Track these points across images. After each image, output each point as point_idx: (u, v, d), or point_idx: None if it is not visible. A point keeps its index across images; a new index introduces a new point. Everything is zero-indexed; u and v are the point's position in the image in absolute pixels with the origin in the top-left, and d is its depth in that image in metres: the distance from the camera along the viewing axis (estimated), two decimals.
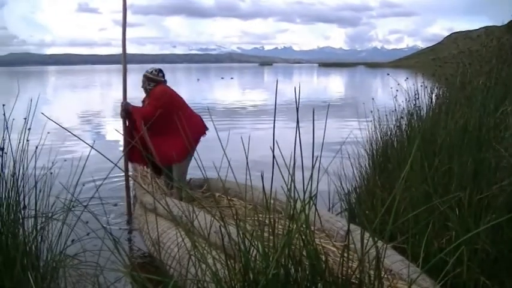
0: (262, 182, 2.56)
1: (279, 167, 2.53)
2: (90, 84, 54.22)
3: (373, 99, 6.48)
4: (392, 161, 5.28)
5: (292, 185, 2.50)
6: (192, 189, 6.45)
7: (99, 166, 7.38)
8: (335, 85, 49.43)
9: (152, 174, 6.59)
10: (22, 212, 3.68)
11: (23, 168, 3.77)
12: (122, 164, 6.20)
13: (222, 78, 61.37)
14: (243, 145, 2.79)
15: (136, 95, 6.66)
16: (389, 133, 6.12)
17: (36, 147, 3.95)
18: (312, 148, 2.44)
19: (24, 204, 3.71)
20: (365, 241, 2.37)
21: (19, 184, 3.69)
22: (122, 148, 6.29)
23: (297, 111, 2.38)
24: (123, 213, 6.30)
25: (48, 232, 3.75)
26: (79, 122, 17.35)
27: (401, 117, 6.13)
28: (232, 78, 60.03)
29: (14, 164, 3.74)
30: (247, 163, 2.71)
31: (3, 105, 3.99)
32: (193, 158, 5.95)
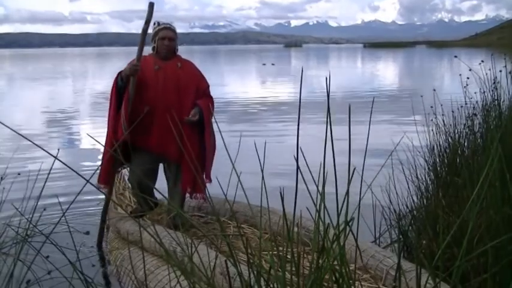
0: (282, 203, 2.53)
1: (305, 183, 2.50)
2: (56, 73, 54.52)
3: (434, 90, 6.43)
4: (462, 174, 5.22)
5: (323, 206, 2.47)
6: (186, 213, 6.45)
7: (66, 182, 7.43)
8: (385, 72, 49.36)
9: (133, 192, 6.59)
10: None
11: None
12: (95, 179, 6.21)
13: (264, 64, 62.35)
14: (258, 154, 2.75)
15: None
16: (457, 136, 6.08)
17: None
18: (349, 156, 2.41)
19: None
20: (423, 283, 2.34)
21: None
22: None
23: (328, 109, 2.36)
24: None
25: None
26: (40, 124, 17.50)
27: (474, 115, 6.08)
28: (273, 65, 61.03)
29: None
30: (262, 177, 2.68)
31: None
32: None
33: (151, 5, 5.89)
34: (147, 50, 5.97)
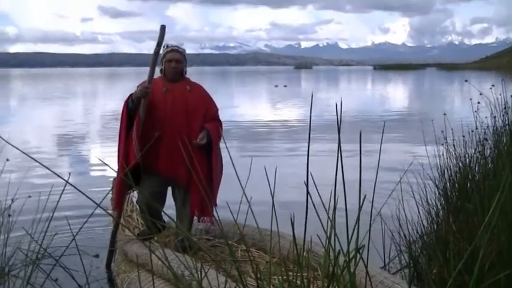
0: (292, 227, 2.52)
1: (315, 208, 2.49)
2: (68, 93, 54.71)
3: (445, 114, 6.41)
4: (473, 199, 5.19)
5: (333, 232, 2.46)
6: (194, 235, 6.44)
7: (76, 204, 7.42)
8: (395, 95, 49.32)
9: (141, 215, 6.58)
10: None
11: None
12: (105, 203, 6.21)
13: (276, 86, 62.55)
14: (267, 178, 2.75)
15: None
16: (468, 161, 6.05)
17: None
18: (359, 182, 2.40)
19: None
20: None
21: None
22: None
23: (339, 137, 2.35)
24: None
25: None
26: (51, 145, 17.50)
27: (485, 139, 6.05)
28: (285, 86, 61.23)
29: None
30: (273, 204, 2.68)
31: None
32: None
33: (163, 28, 5.91)
34: (157, 73, 5.98)
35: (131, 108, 5.87)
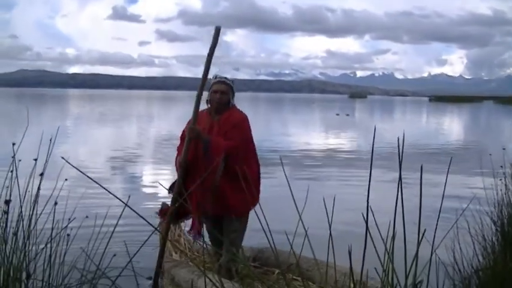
0: (350, 259, 2.49)
1: (372, 241, 2.46)
2: (124, 115, 55.37)
3: (504, 149, 6.31)
4: None
5: (390, 266, 2.43)
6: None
7: (131, 226, 7.45)
8: (451, 127, 48.76)
9: (187, 238, 6.57)
10: (26, 282, 3.70)
11: (30, 225, 3.79)
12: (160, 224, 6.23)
13: (338, 114, 62.47)
14: (326, 209, 2.73)
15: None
16: None
17: (49, 198, 3.98)
18: (419, 219, 2.37)
19: (28, 272, 3.73)
20: None
21: (24, 246, 3.70)
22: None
23: (400, 168, 2.32)
24: None
25: None
26: (109, 166, 17.68)
27: None
28: (347, 115, 61.16)
29: (17, 219, 3.74)
30: (330, 233, 2.65)
31: (13, 144, 4.03)
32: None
33: (217, 30, 5.68)
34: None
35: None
